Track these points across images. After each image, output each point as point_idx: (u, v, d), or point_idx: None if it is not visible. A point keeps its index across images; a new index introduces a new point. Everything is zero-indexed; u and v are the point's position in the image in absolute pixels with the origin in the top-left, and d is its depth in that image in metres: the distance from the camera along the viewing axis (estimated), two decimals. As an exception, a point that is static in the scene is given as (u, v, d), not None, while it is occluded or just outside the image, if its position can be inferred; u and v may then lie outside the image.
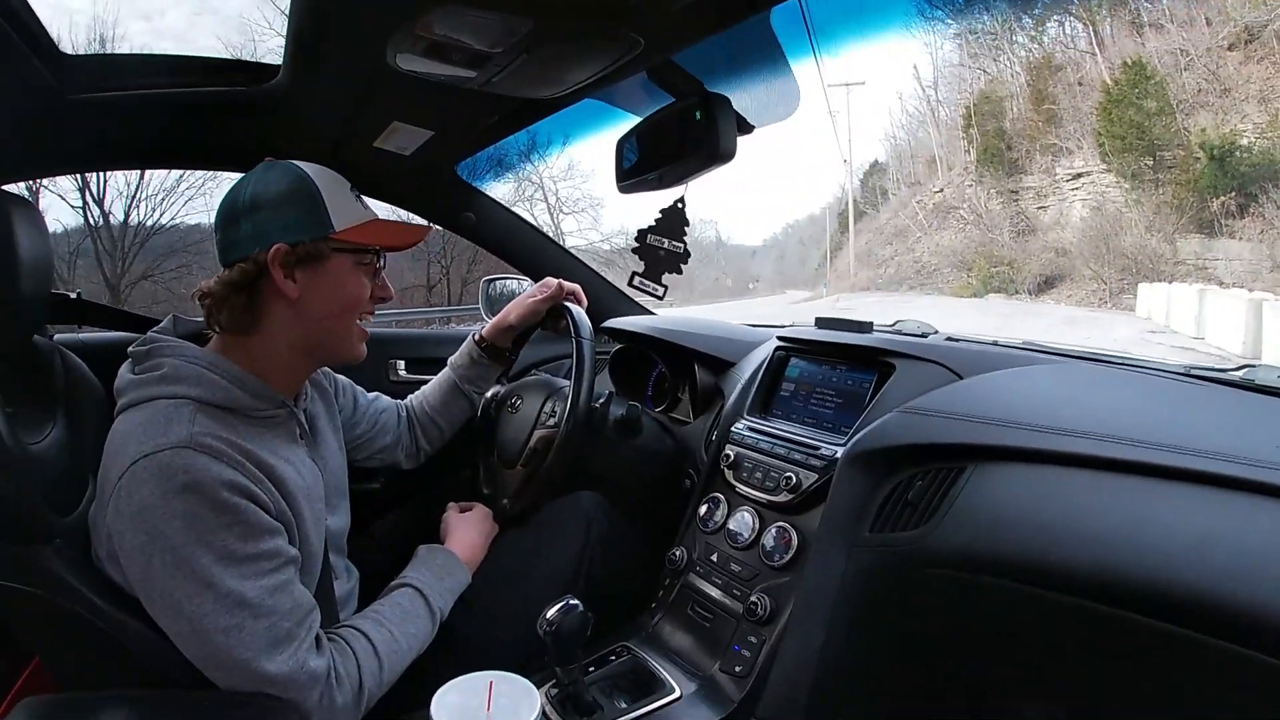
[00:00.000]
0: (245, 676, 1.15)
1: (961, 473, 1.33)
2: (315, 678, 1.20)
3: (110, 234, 19.22)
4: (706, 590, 1.62)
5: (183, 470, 1.13)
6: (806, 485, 1.51)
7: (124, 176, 19.19)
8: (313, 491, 1.36)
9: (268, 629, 1.16)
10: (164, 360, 1.27)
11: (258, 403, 1.30)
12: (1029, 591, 1.20)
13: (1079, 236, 27.87)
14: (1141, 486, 1.14)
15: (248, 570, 1.16)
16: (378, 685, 1.30)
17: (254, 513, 1.18)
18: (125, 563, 1.17)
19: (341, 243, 1.35)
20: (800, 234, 52.48)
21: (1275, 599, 0.95)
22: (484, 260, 15.95)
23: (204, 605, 1.13)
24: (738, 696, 1.43)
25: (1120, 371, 1.53)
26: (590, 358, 1.69)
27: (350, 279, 1.38)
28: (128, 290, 18.74)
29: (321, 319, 1.36)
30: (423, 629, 1.42)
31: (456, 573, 1.56)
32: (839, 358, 1.68)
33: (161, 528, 1.12)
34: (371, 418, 1.82)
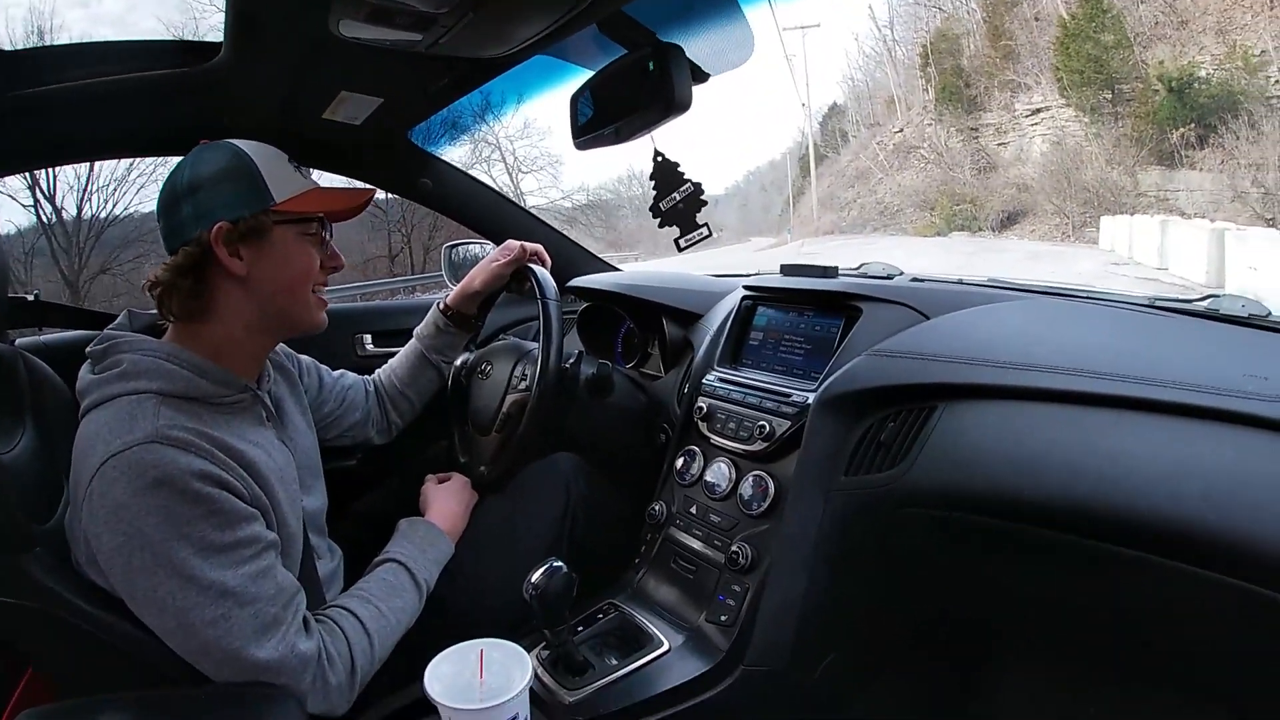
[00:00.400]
0: (236, 666, 1.15)
1: (932, 412, 1.35)
2: (306, 661, 1.20)
3: (65, 230, 18.92)
4: (688, 543, 1.64)
5: (152, 465, 1.12)
6: (780, 433, 1.51)
7: (74, 170, 18.93)
8: (285, 473, 1.35)
9: (254, 616, 1.16)
10: (122, 357, 1.24)
11: (220, 389, 1.28)
12: (1004, 526, 1.22)
13: (1040, 172, 27.94)
14: (1111, 419, 1.15)
15: (228, 559, 1.15)
16: (370, 662, 1.31)
17: (228, 500, 1.17)
18: (105, 564, 1.16)
19: (283, 214, 1.33)
20: (762, 181, 52.26)
21: (1246, 525, 0.97)
22: (446, 226, 15.86)
23: (188, 599, 1.12)
24: (725, 645, 1.45)
25: (1086, 305, 1.54)
26: (557, 318, 1.68)
27: (297, 250, 1.36)
28: (87, 285, 18.49)
29: (274, 294, 1.34)
30: (410, 602, 1.42)
31: (439, 544, 1.55)
32: (806, 304, 1.68)
33: (138, 525, 1.11)
34: (338, 395, 1.80)
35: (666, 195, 1.50)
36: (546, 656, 1.44)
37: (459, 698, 1.13)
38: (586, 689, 1.38)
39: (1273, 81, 22.48)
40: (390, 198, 17.24)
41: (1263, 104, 22.24)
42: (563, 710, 1.36)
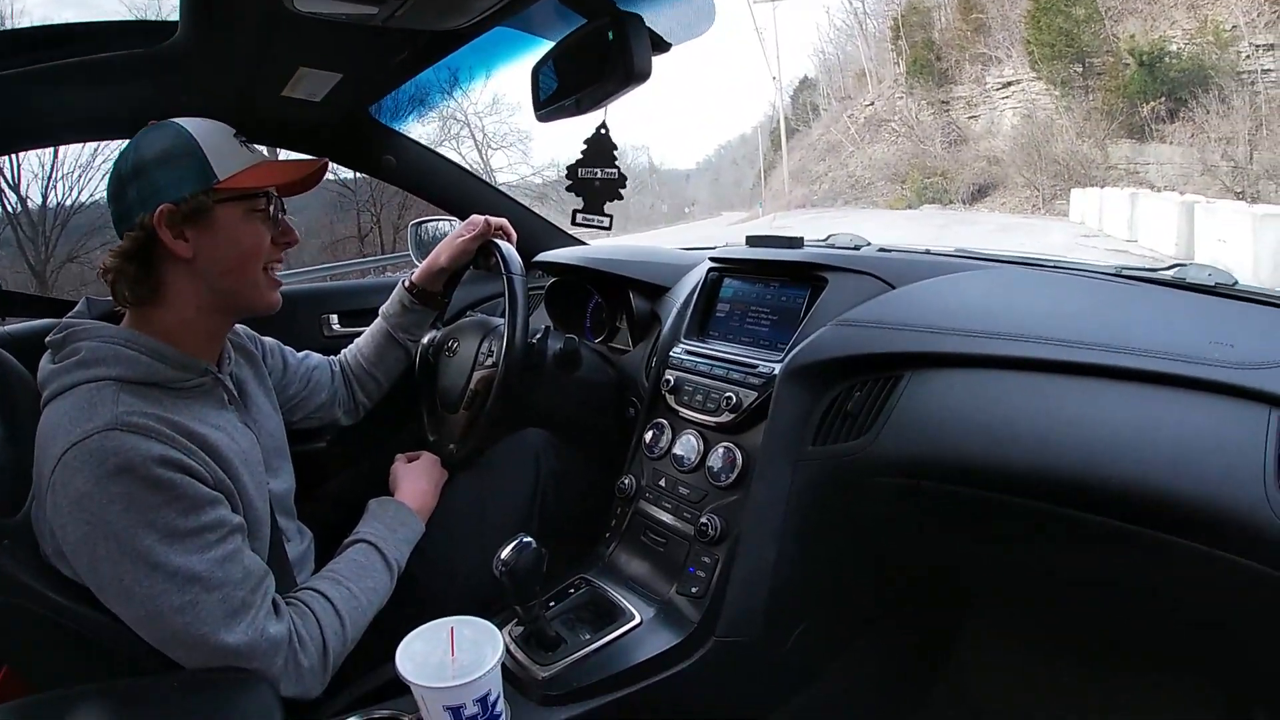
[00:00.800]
0: (206, 652, 1.15)
1: (898, 381, 1.35)
2: (277, 644, 1.20)
3: (30, 219, 18.59)
4: (657, 515, 1.64)
5: (113, 453, 1.11)
6: (747, 404, 1.51)
7: (37, 157, 18.52)
8: (249, 456, 1.33)
9: (222, 600, 1.15)
10: (80, 345, 1.23)
11: (180, 373, 1.27)
12: (970, 494, 1.23)
13: (1011, 144, 28.09)
14: (1077, 386, 1.16)
15: (193, 544, 1.15)
16: (342, 643, 1.31)
17: (191, 485, 1.16)
18: (71, 555, 1.15)
19: (228, 191, 1.29)
20: (733, 154, 52.15)
21: (1212, 490, 0.98)
22: (415, 205, 15.76)
23: (154, 586, 1.12)
24: (696, 617, 1.45)
25: (1052, 274, 1.55)
26: (523, 294, 1.67)
27: (244, 228, 1.33)
28: (54, 275, 18.20)
29: (221, 274, 1.31)
30: (381, 583, 1.42)
31: (409, 523, 1.55)
32: (772, 275, 1.68)
33: (101, 514, 1.10)
34: (303, 376, 1.78)
35: (589, 167, 1.49)
36: (519, 632, 1.43)
37: (431, 676, 1.13)
38: (559, 664, 1.38)
39: (1243, 56, 22.69)
40: (359, 177, 16.97)
41: (1233, 78, 22.46)
42: (536, 685, 1.35)
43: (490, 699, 1.18)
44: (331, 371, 1.86)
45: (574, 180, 1.50)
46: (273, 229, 1.38)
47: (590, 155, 1.49)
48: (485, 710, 1.17)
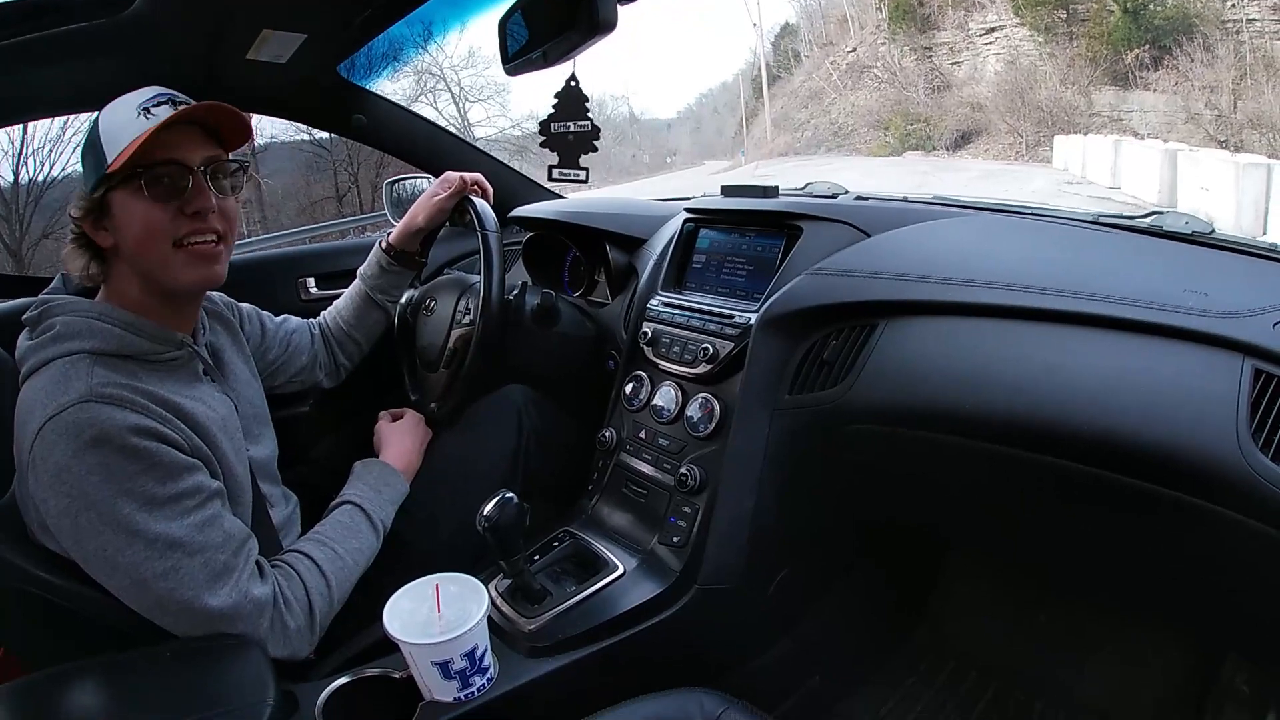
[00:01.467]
0: (192, 617, 1.16)
1: (873, 330, 1.36)
2: (261, 605, 1.21)
3: (2, 198, 18.37)
4: (638, 467, 1.65)
5: (89, 424, 1.11)
6: (724, 354, 1.52)
7: (5, 134, 18.25)
8: (227, 423, 1.34)
9: (204, 565, 1.16)
10: (55, 320, 1.23)
11: (154, 345, 1.27)
12: (945, 440, 1.24)
13: (994, 91, 27.84)
14: (1051, 333, 1.17)
15: (172, 511, 1.15)
16: (328, 604, 1.32)
17: (167, 453, 1.16)
18: (54, 528, 1.15)
19: (116, 175, 1.21)
20: (715, 103, 51.36)
21: (1182, 438, 0.99)
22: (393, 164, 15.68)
23: (136, 554, 1.13)
24: (678, 566, 1.48)
25: (1029, 221, 1.55)
26: (498, 250, 1.67)
27: (133, 209, 1.23)
28: (30, 252, 17.96)
29: (134, 257, 1.26)
30: (366, 543, 1.44)
31: (394, 483, 1.57)
32: (748, 225, 1.68)
33: (80, 486, 1.11)
34: (282, 341, 1.77)
35: (561, 121, 1.48)
36: (504, 586, 1.45)
37: (418, 633, 1.16)
38: (545, 616, 1.40)
39: (1228, 5, 22.48)
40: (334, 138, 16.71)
41: (1217, 27, 22.28)
42: (523, 638, 1.37)
43: (478, 653, 1.20)
44: (311, 334, 1.85)
45: (547, 136, 1.49)
46: (170, 200, 1.25)
47: (562, 109, 1.48)
48: (473, 664, 1.20)
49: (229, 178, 1.33)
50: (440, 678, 1.19)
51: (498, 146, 22.83)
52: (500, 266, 1.66)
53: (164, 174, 1.24)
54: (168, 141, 1.21)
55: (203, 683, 1.14)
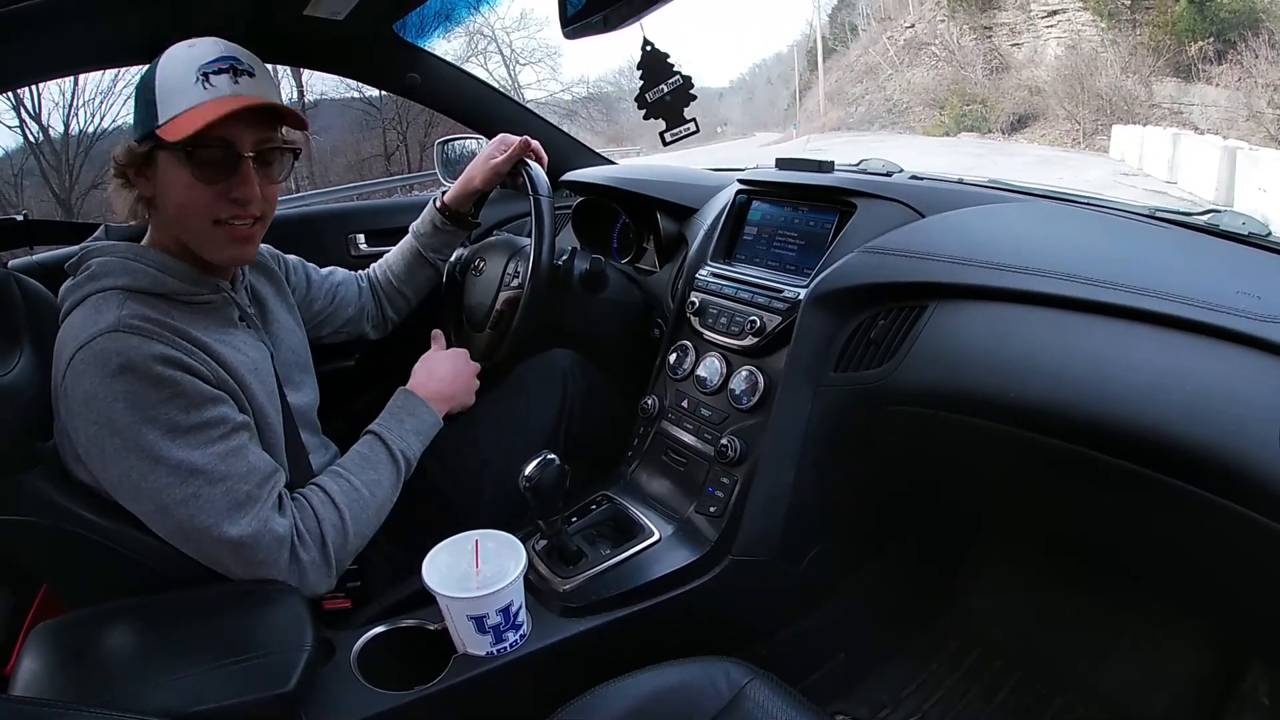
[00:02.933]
0: (211, 544, 1.18)
1: (923, 311, 1.35)
2: (281, 538, 1.22)
3: (53, 148, 18.53)
4: (679, 436, 1.66)
5: (116, 353, 1.14)
6: (771, 328, 1.52)
7: (57, 87, 18.43)
8: (260, 368, 1.35)
9: (225, 493, 1.18)
10: (92, 261, 1.26)
11: (189, 287, 1.28)
12: (988, 427, 1.23)
13: (1053, 75, 27.26)
14: (1101, 326, 1.15)
15: (195, 439, 1.17)
16: (341, 536, 1.30)
17: (192, 383, 1.18)
18: (85, 458, 1.18)
19: (165, 138, 1.19)
20: (768, 74, 50.60)
21: (1225, 441, 0.97)
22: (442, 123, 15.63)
23: (159, 480, 1.15)
24: (714, 536, 1.48)
25: (1084, 211, 1.52)
26: (550, 214, 1.67)
27: (176, 178, 1.23)
28: (79, 202, 18.19)
29: (171, 221, 1.29)
30: (385, 474, 1.41)
31: (418, 411, 1.53)
32: (801, 199, 1.66)
33: (107, 413, 1.13)
34: (329, 292, 1.79)
35: (654, 87, 1.46)
36: (541, 546, 1.47)
37: (456, 587, 1.18)
38: (579, 577, 1.42)
39: (1297, 0, 21.84)
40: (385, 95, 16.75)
41: (1285, 23, 21.64)
42: (556, 597, 1.39)
43: (512, 610, 1.22)
44: (359, 286, 1.87)
45: (647, 107, 1.48)
46: (214, 181, 1.24)
47: (649, 75, 1.47)
48: (507, 620, 1.22)
49: (277, 162, 1.33)
50: (475, 632, 1.22)
51: (547, 110, 22.74)
52: (551, 231, 1.66)
53: (214, 156, 1.23)
54: (224, 120, 1.19)
55: (242, 626, 1.16)
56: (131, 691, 1.04)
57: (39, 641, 1.15)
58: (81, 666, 1.12)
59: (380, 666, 1.25)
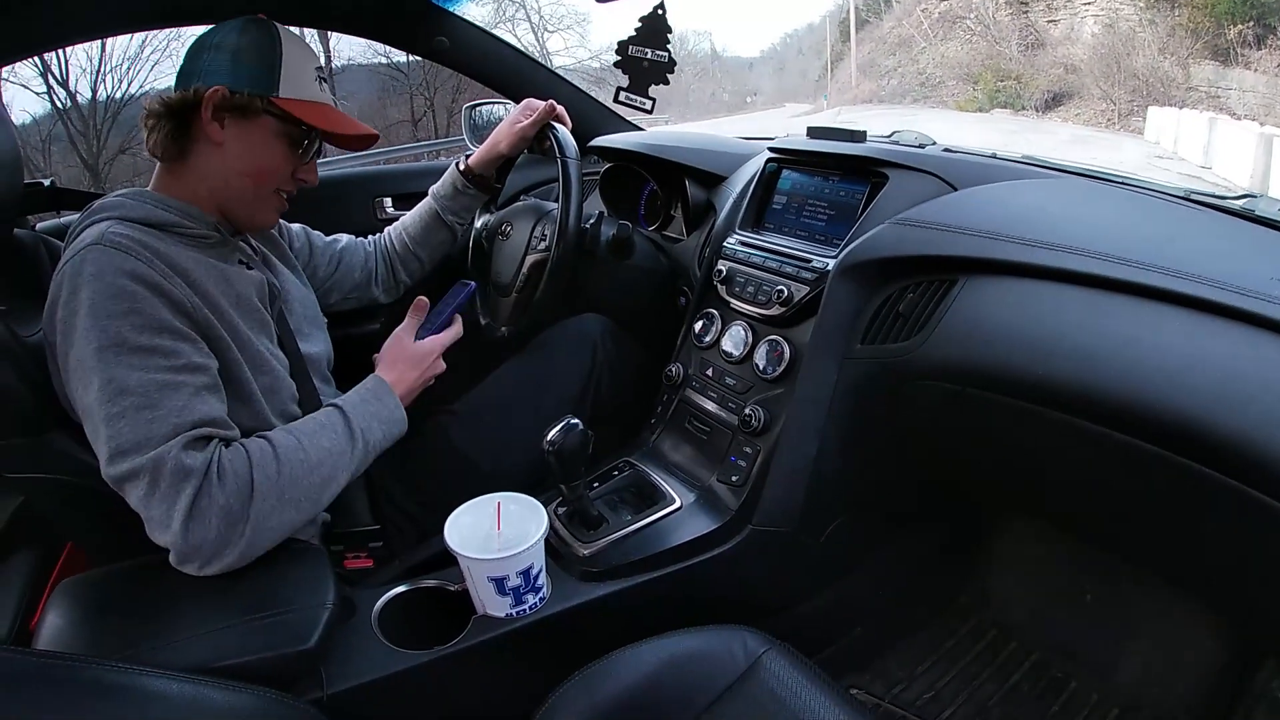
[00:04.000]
0: (113, 464, 1.13)
1: (952, 285, 1.33)
2: (183, 472, 1.11)
3: (80, 114, 18.61)
4: (703, 404, 1.66)
5: (90, 263, 1.15)
6: (798, 298, 1.50)
7: (84, 52, 18.53)
8: (249, 302, 1.35)
9: (149, 422, 1.11)
10: (95, 203, 1.29)
11: (183, 220, 1.30)
12: (1015, 405, 1.21)
13: (1090, 54, 26.88)
14: (1131, 306, 1.13)
15: (136, 361, 1.13)
16: (274, 489, 1.17)
17: (153, 305, 1.16)
18: (62, 369, 1.18)
19: (278, 109, 1.35)
20: (800, 44, 50.02)
21: (1251, 428, 0.96)
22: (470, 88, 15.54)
23: (91, 393, 1.12)
24: (735, 505, 1.48)
25: (1118, 190, 1.49)
26: (577, 178, 1.66)
27: (274, 145, 1.38)
28: (107, 167, 18.30)
29: (238, 173, 1.36)
30: (337, 444, 1.29)
31: (385, 400, 1.42)
32: (831, 169, 1.65)
33: (70, 322, 1.14)
34: (332, 258, 1.80)
35: (640, 46, 1.45)
36: (563, 510, 1.48)
37: (477, 548, 1.19)
38: (600, 542, 1.42)
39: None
40: (412, 60, 16.68)
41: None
42: (577, 562, 1.40)
43: (533, 572, 1.23)
44: (365, 252, 1.87)
45: (623, 57, 1.47)
46: (299, 161, 1.43)
47: (643, 34, 1.46)
48: (527, 582, 1.23)
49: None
50: (495, 593, 1.22)
51: (575, 77, 22.62)
52: (578, 194, 1.65)
53: (311, 140, 1.42)
54: (327, 119, 1.41)
55: (265, 583, 1.17)
56: (154, 647, 1.05)
57: (63, 597, 1.17)
58: (105, 622, 1.15)
59: (400, 625, 1.27)
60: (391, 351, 1.52)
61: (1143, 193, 1.47)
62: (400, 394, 1.45)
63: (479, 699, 1.29)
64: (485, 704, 1.29)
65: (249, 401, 1.30)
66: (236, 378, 1.28)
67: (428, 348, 1.54)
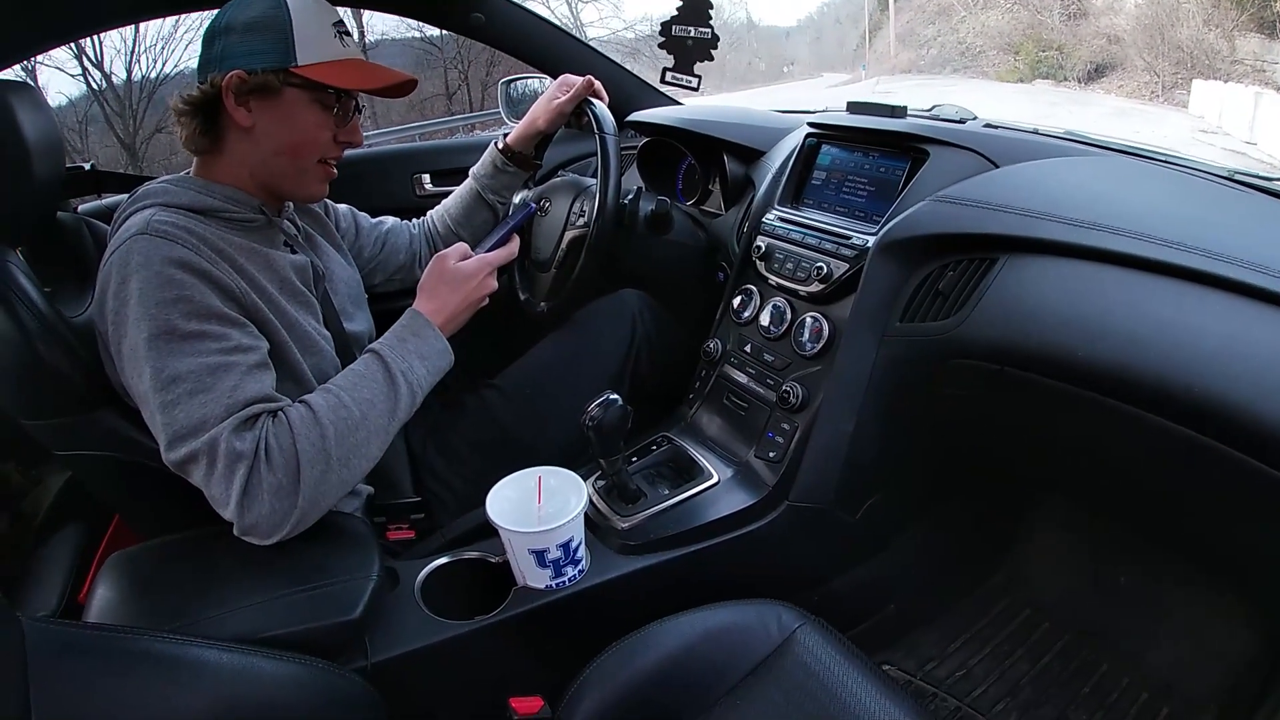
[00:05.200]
0: (169, 452, 1.15)
1: (993, 264, 1.32)
2: (235, 456, 1.12)
3: (116, 95, 18.68)
4: (741, 380, 1.66)
5: (137, 253, 1.16)
6: (838, 275, 1.50)
7: (119, 35, 18.59)
8: (293, 285, 1.37)
9: (202, 406, 1.13)
10: (139, 189, 1.31)
11: (228, 205, 1.31)
12: (1054, 386, 1.21)
13: (1133, 24, 26.24)
14: (1174, 289, 1.11)
15: (186, 348, 1.15)
16: (321, 455, 1.17)
17: (201, 293, 1.17)
18: (115, 363, 1.21)
19: (300, 78, 1.30)
20: (837, 13, 49.01)
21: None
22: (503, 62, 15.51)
23: (145, 382, 1.14)
24: (772, 481, 1.49)
25: (1162, 169, 1.47)
26: (616, 154, 1.65)
27: (306, 116, 1.34)
28: (144, 147, 18.39)
29: (274, 153, 1.34)
30: (379, 393, 1.28)
31: (424, 334, 1.39)
32: (871, 144, 1.63)
33: (121, 312, 1.16)
34: (378, 240, 1.81)
35: (683, 24, 1.44)
36: (602, 485, 1.50)
37: (518, 521, 1.21)
38: (638, 516, 1.44)
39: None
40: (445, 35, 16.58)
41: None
42: (615, 535, 1.42)
43: (572, 545, 1.25)
44: (410, 234, 1.88)
45: (667, 37, 1.46)
46: (338, 125, 1.38)
47: (685, 12, 1.45)
48: (567, 555, 1.24)
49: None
50: (535, 565, 1.25)
51: (610, 48, 22.43)
52: (617, 169, 1.65)
53: (343, 102, 1.37)
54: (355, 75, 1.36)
55: (310, 555, 1.19)
56: (202, 618, 1.08)
57: (112, 570, 1.20)
58: (154, 594, 1.18)
59: (442, 596, 1.29)
60: (430, 278, 1.50)
61: (1186, 172, 1.45)
62: (441, 322, 1.42)
63: (518, 668, 1.32)
64: (524, 673, 1.31)
65: (301, 382, 1.32)
66: (286, 359, 1.30)
67: (471, 268, 1.50)
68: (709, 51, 1.44)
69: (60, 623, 0.90)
